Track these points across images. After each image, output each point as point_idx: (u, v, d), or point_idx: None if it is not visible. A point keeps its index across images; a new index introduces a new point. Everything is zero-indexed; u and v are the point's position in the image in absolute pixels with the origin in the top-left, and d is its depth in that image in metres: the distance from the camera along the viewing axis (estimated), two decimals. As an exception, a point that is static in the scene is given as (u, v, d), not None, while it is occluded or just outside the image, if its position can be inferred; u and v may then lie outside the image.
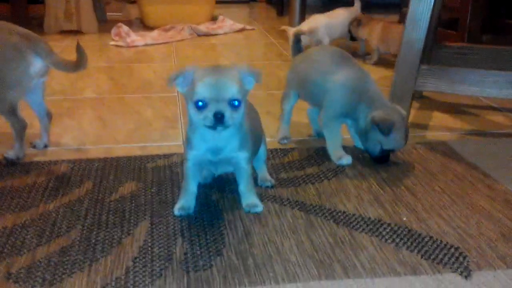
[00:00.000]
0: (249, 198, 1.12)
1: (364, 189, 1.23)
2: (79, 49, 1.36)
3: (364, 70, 1.39)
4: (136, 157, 1.37)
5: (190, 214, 1.10)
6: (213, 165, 1.11)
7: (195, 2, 3.24)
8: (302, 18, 3.06)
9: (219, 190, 1.21)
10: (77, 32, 2.96)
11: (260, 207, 1.12)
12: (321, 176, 1.29)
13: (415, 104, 1.79)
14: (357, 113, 1.34)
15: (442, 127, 1.64)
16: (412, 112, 1.68)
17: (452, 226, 1.07)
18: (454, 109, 1.80)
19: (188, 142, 1.08)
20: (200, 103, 0.98)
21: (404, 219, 1.10)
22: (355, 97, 1.33)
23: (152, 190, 1.20)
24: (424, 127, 1.64)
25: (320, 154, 1.41)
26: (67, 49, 2.58)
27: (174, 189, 1.21)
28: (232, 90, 0.98)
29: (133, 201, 1.15)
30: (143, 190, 1.20)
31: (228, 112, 0.97)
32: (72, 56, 1.39)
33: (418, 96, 1.86)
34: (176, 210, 1.10)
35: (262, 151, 1.23)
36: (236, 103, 0.98)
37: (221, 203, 1.15)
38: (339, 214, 1.11)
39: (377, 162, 1.35)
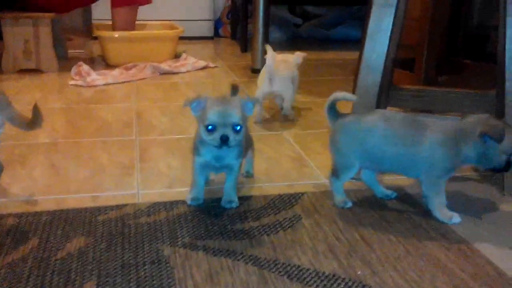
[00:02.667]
0: (230, 195, 1.35)
1: (319, 240, 1.21)
2: (36, 110, 1.34)
3: (445, 117, 1.34)
4: (87, 209, 1.33)
5: (200, 204, 1.35)
6: (215, 169, 1.35)
7: (158, 40, 3.24)
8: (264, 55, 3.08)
9: (171, 244, 1.18)
10: (36, 70, 2.91)
11: (235, 203, 1.34)
12: (277, 226, 1.27)
13: (374, 146, 1.79)
14: (464, 154, 1.26)
15: (400, 170, 1.64)
16: (370, 155, 1.68)
17: (406, 279, 1.06)
18: (412, 151, 1.81)
19: (196, 150, 1.32)
20: (210, 127, 1.22)
21: (359, 272, 1.08)
22: (455, 143, 1.26)
23: (101, 246, 1.16)
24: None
25: (276, 202, 1.39)
26: (24, 89, 2.54)
27: (124, 244, 1.17)
28: (236, 117, 1.21)
29: (80, 259, 1.11)
30: (91, 246, 1.16)
31: (231, 135, 1.21)
32: (29, 96, 1.36)
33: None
34: (189, 200, 1.36)
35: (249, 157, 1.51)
36: (238, 127, 1.22)
37: (172, 259, 1.12)
38: (293, 269, 1.09)
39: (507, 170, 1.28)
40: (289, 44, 4.42)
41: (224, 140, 1.21)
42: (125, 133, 1.95)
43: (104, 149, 1.77)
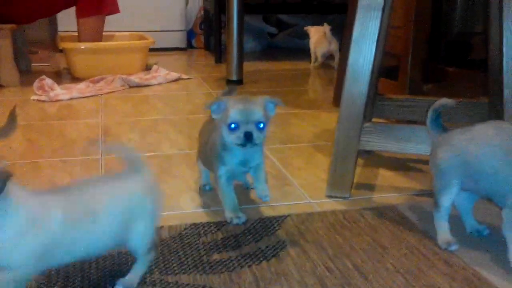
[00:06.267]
0: (264, 190, 1.25)
1: (307, 271, 1.07)
2: (12, 115, 1.23)
3: None
4: (42, 241, 1.16)
5: (244, 222, 1.27)
6: (240, 174, 1.33)
7: (127, 51, 3.08)
8: (240, 66, 2.95)
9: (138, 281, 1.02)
10: (-4, 85, 2.73)
11: (268, 197, 1.24)
12: (259, 255, 1.12)
13: (359, 161, 1.67)
14: None
15: (390, 187, 1.52)
16: (357, 170, 1.55)
17: (410, 317, 0.92)
18: (401, 165, 1.69)
19: (219, 160, 1.26)
20: (233, 126, 1.18)
21: (355, 310, 0.94)
22: None
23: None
24: (371, 188, 1.51)
25: (257, 227, 1.25)
26: (-19, 105, 2.35)
27: (83, 283, 1.01)
28: (258, 114, 1.19)
29: (30, 304, 0.94)
30: None
31: (255, 133, 1.18)
32: None
33: (362, 151, 1.74)
34: (234, 220, 1.27)
35: None
36: (261, 125, 1.19)
37: (139, 300, 0.96)
38: (280, 308, 0.94)
39: None
40: (264, 53, 4.30)
41: (248, 137, 1.18)
42: (89, 152, 1.78)
43: (66, 170, 1.61)
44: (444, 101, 1.20)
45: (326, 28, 3.45)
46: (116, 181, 0.93)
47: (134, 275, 0.98)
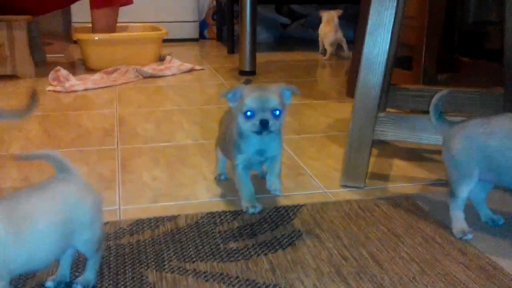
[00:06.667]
0: (275, 183, 1.26)
1: (323, 260, 1.08)
2: (34, 95, 1.27)
3: None
4: (62, 229, 1.18)
5: (260, 211, 1.28)
6: (257, 164, 1.32)
7: (141, 42, 3.10)
8: (253, 56, 2.96)
9: (156, 268, 1.04)
10: (12, 76, 2.75)
11: (278, 191, 1.26)
12: (275, 244, 1.14)
13: (373, 151, 1.67)
14: None
15: (404, 177, 1.52)
16: (371, 160, 1.55)
17: (425, 304, 0.93)
18: (415, 155, 1.69)
19: (236, 148, 1.26)
20: (249, 113, 1.19)
21: (371, 298, 0.95)
22: None
23: (76, 274, 1.01)
24: (385, 177, 1.52)
25: (273, 216, 1.26)
26: (-2, 96, 2.38)
27: (103, 269, 1.03)
28: (274, 102, 1.19)
29: (52, 290, 0.97)
30: (66, 274, 1.02)
31: (271, 120, 1.18)
32: (3, 103, 1.24)
33: (376, 141, 1.74)
34: (250, 209, 1.27)
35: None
36: (277, 112, 1.19)
37: (158, 287, 0.98)
38: (296, 295, 0.96)
39: None
40: (277, 44, 4.30)
41: (264, 124, 1.18)
42: (106, 141, 1.81)
43: (82, 159, 1.63)
44: (440, 94, 1.20)
45: (335, 13, 3.47)
46: (51, 187, 0.88)
47: (90, 273, 0.96)
